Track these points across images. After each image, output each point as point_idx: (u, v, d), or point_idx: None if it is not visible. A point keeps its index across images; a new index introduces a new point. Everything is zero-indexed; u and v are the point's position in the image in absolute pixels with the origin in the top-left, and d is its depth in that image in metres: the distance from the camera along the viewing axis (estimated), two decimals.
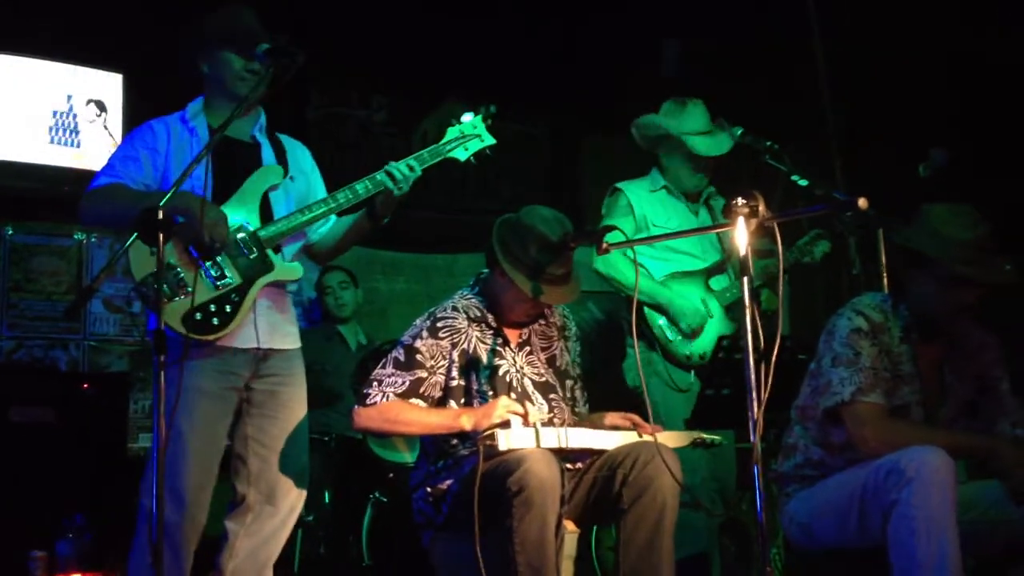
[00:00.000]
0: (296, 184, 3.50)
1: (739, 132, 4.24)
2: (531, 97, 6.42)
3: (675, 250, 4.36)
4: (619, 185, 4.47)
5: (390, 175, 3.35)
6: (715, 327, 4.29)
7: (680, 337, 4.25)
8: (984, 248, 2.90)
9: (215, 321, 3.21)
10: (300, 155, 3.58)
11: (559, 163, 6.64)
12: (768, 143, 4.14)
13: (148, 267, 3.09)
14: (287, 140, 3.57)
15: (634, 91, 5.31)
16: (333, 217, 3.51)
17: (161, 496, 2.65)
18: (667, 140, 4.40)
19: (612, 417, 3.29)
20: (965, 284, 2.89)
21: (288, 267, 3.39)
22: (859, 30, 5.37)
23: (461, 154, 3.51)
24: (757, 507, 2.38)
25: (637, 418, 3.24)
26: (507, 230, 3.25)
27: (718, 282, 4.38)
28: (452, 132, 3.51)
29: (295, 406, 3.43)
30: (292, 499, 3.40)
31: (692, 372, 4.25)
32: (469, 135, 3.51)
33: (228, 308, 3.24)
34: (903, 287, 3.06)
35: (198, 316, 3.18)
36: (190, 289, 3.15)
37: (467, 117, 3.53)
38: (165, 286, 3.08)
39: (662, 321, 4.26)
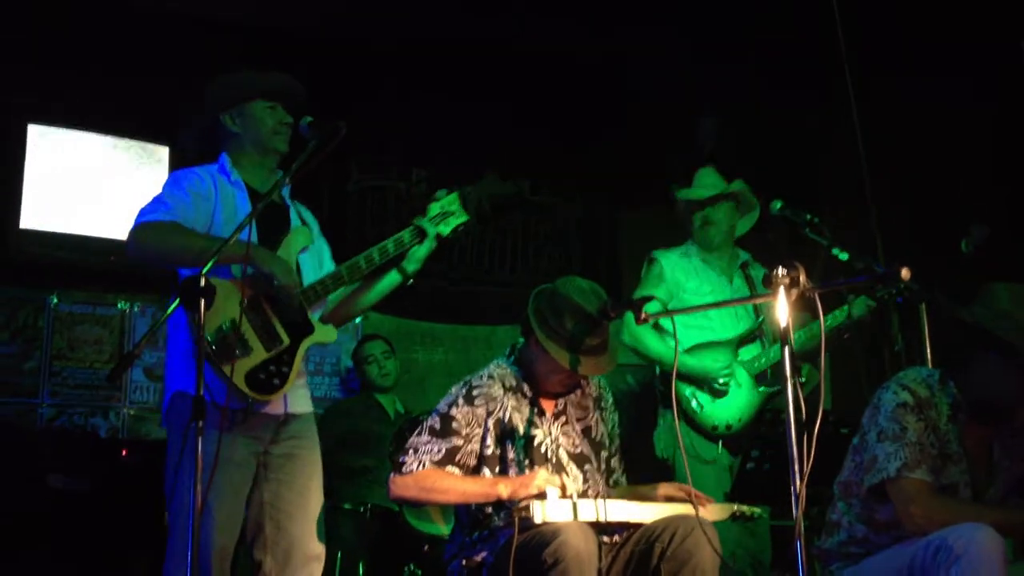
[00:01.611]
0: (315, 244, 3.54)
1: (779, 205, 4.23)
2: (570, 170, 6.48)
3: (708, 317, 4.43)
4: (655, 254, 4.60)
5: (423, 230, 3.42)
6: (744, 396, 4.27)
7: (707, 407, 4.26)
8: None
9: (275, 382, 3.20)
10: (311, 218, 3.62)
11: (597, 237, 6.67)
12: (808, 216, 4.12)
13: (212, 323, 3.08)
14: (298, 205, 3.60)
15: (671, 166, 5.34)
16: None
17: (195, 563, 2.63)
18: (683, 209, 4.59)
19: (666, 488, 3.28)
20: None
21: (325, 329, 3.39)
22: (898, 100, 5.39)
23: (444, 229, 3.50)
24: None
25: (692, 489, 3.19)
26: (543, 301, 3.25)
27: (748, 351, 4.40)
28: (433, 208, 3.52)
29: (311, 470, 3.40)
30: (311, 567, 3.33)
31: (719, 443, 4.26)
32: (447, 211, 3.52)
33: (285, 369, 3.23)
34: (959, 366, 2.99)
35: (262, 376, 3.17)
36: (251, 348, 3.16)
37: (442, 194, 3.55)
38: (223, 344, 3.09)
39: (689, 391, 4.29)
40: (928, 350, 3.91)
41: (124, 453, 4.68)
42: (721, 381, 4.27)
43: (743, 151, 5.59)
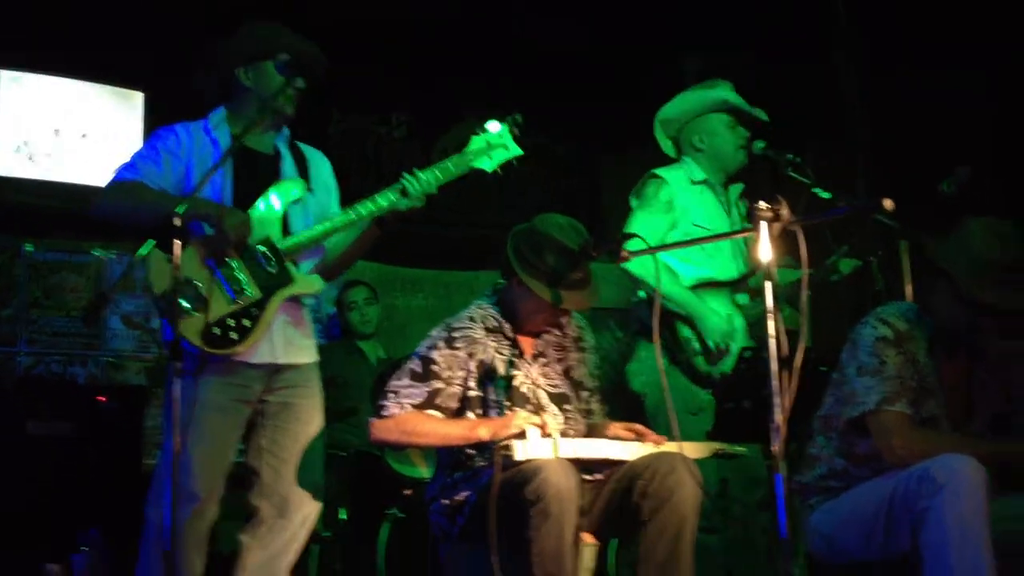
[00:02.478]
0: (317, 197, 3.48)
1: (761, 145, 4.19)
2: (551, 114, 6.42)
3: (706, 252, 4.15)
4: (660, 172, 4.21)
5: (405, 190, 3.30)
6: (738, 344, 4.19)
7: (704, 354, 4.08)
8: (1014, 271, 2.82)
9: (233, 336, 3.19)
10: (322, 168, 3.55)
11: (579, 180, 6.63)
12: (790, 156, 4.09)
13: (168, 280, 3.05)
14: (309, 151, 3.54)
15: (654, 109, 5.28)
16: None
17: (174, 504, 2.63)
18: (703, 121, 4.25)
19: (615, 428, 3.25)
20: (985, 306, 2.83)
21: (308, 279, 3.36)
22: (890, 40, 5.33)
23: (487, 164, 3.40)
24: (780, 516, 2.33)
25: (641, 428, 3.20)
26: (522, 239, 3.23)
27: (741, 298, 4.21)
28: (477, 142, 3.41)
29: (310, 419, 3.41)
30: (305, 511, 3.36)
31: (710, 391, 4.04)
32: (495, 145, 3.41)
33: (247, 322, 3.21)
34: (925, 298, 3.01)
35: (216, 331, 3.16)
36: (209, 303, 3.14)
37: (493, 126, 3.42)
38: (186, 301, 3.08)
39: (691, 333, 4.06)
40: (908, 288, 3.92)
41: (103, 399, 4.66)
42: (723, 346, 4.03)
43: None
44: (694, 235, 4.11)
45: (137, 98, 5.49)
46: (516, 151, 3.44)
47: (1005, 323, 2.95)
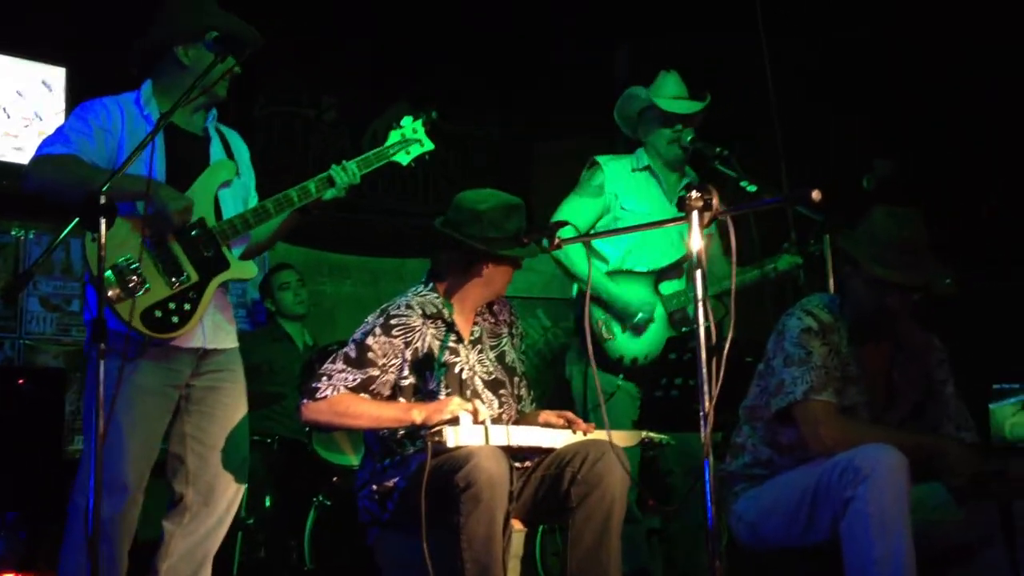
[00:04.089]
0: (242, 180, 3.46)
1: (689, 137, 4.25)
2: (481, 100, 6.43)
3: (643, 239, 4.21)
4: (599, 159, 4.31)
5: (332, 179, 3.36)
6: (656, 333, 4.22)
7: (618, 337, 4.14)
8: (912, 251, 2.92)
9: (175, 320, 3.16)
10: (241, 147, 3.55)
11: (509, 167, 6.63)
12: (718, 149, 4.15)
13: (108, 260, 3.00)
14: (230, 134, 3.52)
15: (586, 96, 5.33)
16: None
17: (99, 491, 2.59)
18: (646, 112, 4.33)
19: (546, 415, 3.27)
20: (886, 286, 2.92)
21: (243, 265, 3.35)
22: (808, 31, 5.43)
23: (403, 158, 3.55)
24: (707, 501, 2.37)
25: (571, 415, 3.23)
26: (470, 222, 3.23)
27: (670, 286, 4.26)
28: (394, 136, 3.54)
29: (235, 404, 3.39)
30: (230, 496, 3.35)
31: (620, 376, 4.12)
32: (410, 139, 3.54)
33: (187, 307, 3.19)
34: (843, 286, 3.09)
35: (158, 314, 3.13)
36: (148, 286, 3.10)
37: (406, 122, 3.56)
38: (120, 281, 3.04)
39: (602, 316, 4.13)
40: (831, 280, 4.00)
41: (20, 382, 4.55)
42: (639, 317, 4.12)
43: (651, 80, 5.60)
44: (624, 219, 4.21)
45: (59, 73, 5.35)
46: (428, 146, 3.58)
47: (925, 312, 3.06)
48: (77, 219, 2.71)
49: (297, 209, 3.38)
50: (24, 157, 5.05)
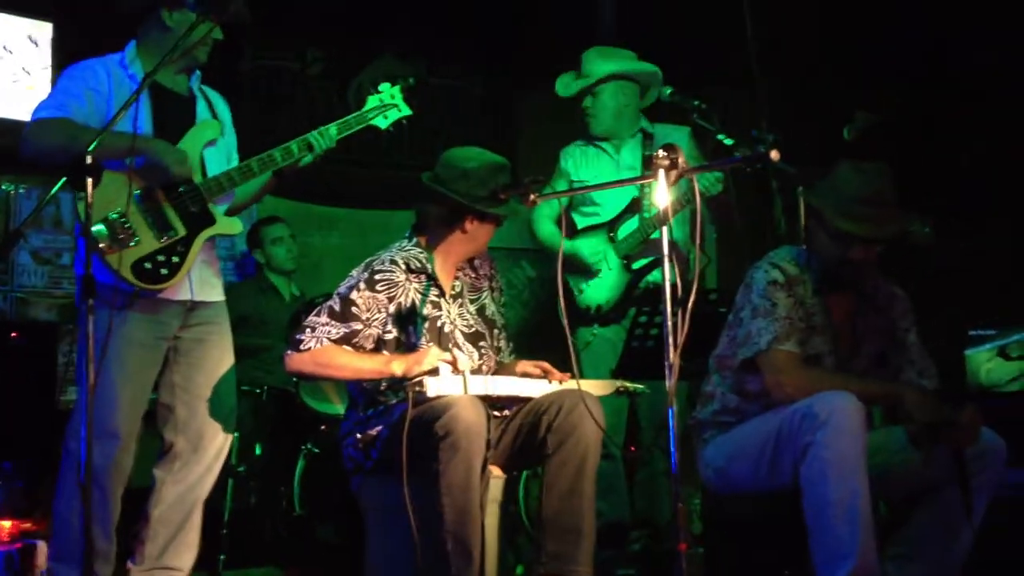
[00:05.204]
0: (225, 139, 3.55)
1: (668, 91, 4.31)
2: (466, 53, 6.43)
3: (596, 201, 4.55)
4: (561, 151, 4.70)
5: (311, 144, 3.45)
6: (612, 277, 4.43)
7: (585, 290, 4.45)
8: (876, 204, 3.00)
9: (163, 272, 3.26)
10: (224, 109, 3.61)
11: (493, 120, 6.66)
12: (696, 102, 4.22)
13: (99, 213, 3.13)
14: (211, 93, 3.59)
15: (569, 48, 5.32)
16: None
17: (90, 438, 2.69)
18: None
19: (523, 365, 3.37)
20: (851, 238, 3.00)
21: (229, 221, 3.45)
22: None
23: (381, 122, 3.65)
24: (671, 449, 2.47)
25: (547, 365, 3.33)
26: (458, 180, 3.29)
27: (626, 227, 4.48)
28: (372, 100, 3.64)
29: (221, 355, 3.51)
30: (219, 444, 3.47)
31: (595, 324, 4.44)
32: (388, 104, 3.64)
33: (176, 259, 3.29)
34: (810, 238, 3.17)
35: (147, 266, 3.23)
36: (138, 239, 3.19)
37: (384, 88, 3.66)
38: (111, 234, 3.12)
39: (568, 278, 4.45)
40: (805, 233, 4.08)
41: (13, 335, 4.63)
42: (591, 263, 4.43)
43: (637, 30, 5.60)
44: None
45: (46, 29, 5.36)
46: (406, 111, 3.69)
47: (890, 263, 3.14)
48: (64, 179, 2.79)
49: (274, 173, 3.47)
50: (11, 113, 5.10)
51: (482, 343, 3.41)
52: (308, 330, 3.23)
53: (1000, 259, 5.45)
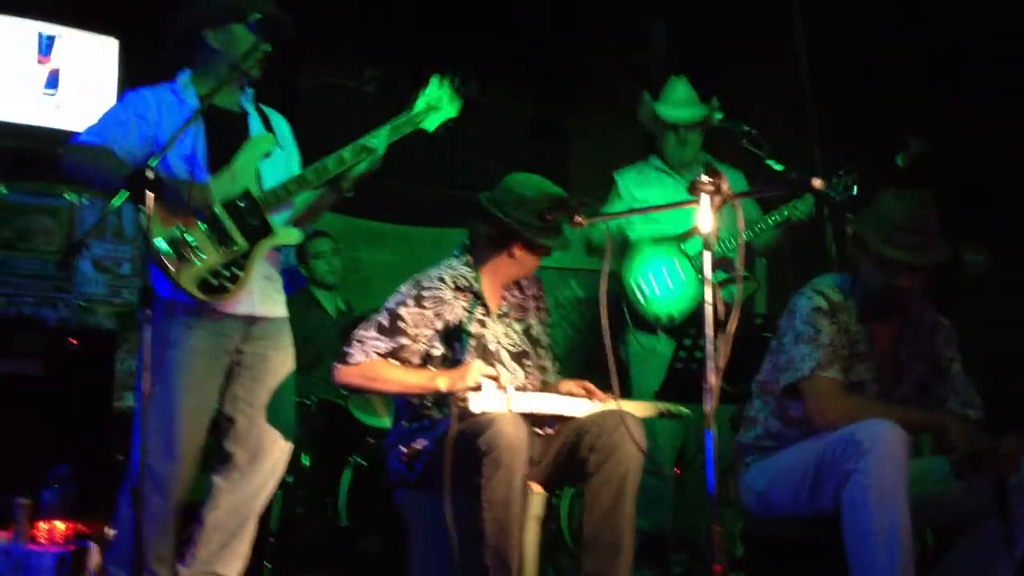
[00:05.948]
0: (284, 153, 3.62)
1: (719, 117, 4.37)
2: (520, 73, 6.50)
3: (656, 221, 4.59)
4: (615, 175, 4.79)
5: (367, 146, 3.47)
6: (689, 288, 4.44)
7: (652, 299, 4.46)
8: (919, 232, 3.01)
9: (227, 285, 3.34)
10: (283, 126, 3.69)
11: (544, 140, 6.71)
12: (747, 128, 4.25)
13: (162, 228, 3.23)
14: (270, 112, 3.67)
15: (622, 71, 5.38)
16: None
17: (144, 445, 2.77)
18: (654, 117, 4.67)
19: (567, 384, 3.41)
20: (896, 265, 3.01)
21: (288, 231, 3.52)
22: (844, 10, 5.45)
23: (429, 124, 3.62)
24: (709, 471, 2.50)
25: (590, 386, 3.36)
26: (513, 205, 3.31)
27: (694, 246, 4.49)
28: (420, 103, 3.61)
29: (283, 370, 3.57)
30: (275, 456, 3.53)
31: (660, 334, 4.46)
32: (434, 106, 3.61)
33: (237, 271, 3.37)
34: (855, 266, 3.18)
35: (213, 281, 3.31)
36: (203, 255, 3.27)
37: (433, 83, 3.62)
38: (176, 252, 3.23)
39: (635, 282, 4.49)
40: None
41: (73, 342, 4.76)
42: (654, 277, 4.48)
43: (691, 57, 5.64)
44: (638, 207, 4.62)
45: (112, 45, 5.50)
46: (450, 113, 3.64)
47: (934, 292, 3.14)
48: (124, 192, 2.88)
49: (333, 188, 3.53)
50: (77, 126, 5.23)
51: (527, 362, 3.46)
52: (357, 343, 3.30)
53: None
